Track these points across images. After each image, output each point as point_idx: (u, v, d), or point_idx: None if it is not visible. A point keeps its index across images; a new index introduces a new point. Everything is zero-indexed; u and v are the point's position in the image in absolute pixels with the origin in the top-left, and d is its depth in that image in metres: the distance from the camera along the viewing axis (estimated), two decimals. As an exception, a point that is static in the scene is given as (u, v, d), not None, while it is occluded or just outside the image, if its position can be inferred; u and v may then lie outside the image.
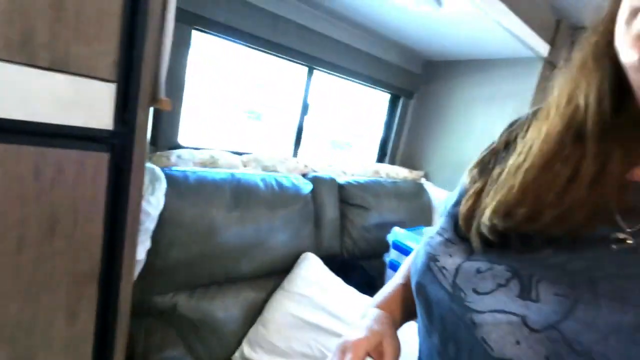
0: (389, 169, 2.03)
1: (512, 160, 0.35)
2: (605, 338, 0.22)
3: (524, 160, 0.33)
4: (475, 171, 0.42)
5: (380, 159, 2.27)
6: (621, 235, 0.27)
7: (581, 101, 0.30)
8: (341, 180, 1.68)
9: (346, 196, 1.64)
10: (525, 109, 1.49)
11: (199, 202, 1.11)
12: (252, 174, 1.33)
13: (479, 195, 0.38)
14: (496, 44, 1.60)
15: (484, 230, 0.33)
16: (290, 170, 1.56)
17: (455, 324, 0.31)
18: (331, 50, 1.66)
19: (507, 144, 0.40)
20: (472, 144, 1.94)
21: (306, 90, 1.71)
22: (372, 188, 1.74)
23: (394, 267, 1.50)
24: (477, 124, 1.92)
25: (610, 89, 0.29)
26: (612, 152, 0.29)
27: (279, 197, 1.33)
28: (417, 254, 0.40)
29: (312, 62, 1.64)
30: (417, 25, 1.54)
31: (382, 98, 2.20)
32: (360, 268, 1.66)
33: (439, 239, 0.39)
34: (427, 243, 0.40)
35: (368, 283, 1.63)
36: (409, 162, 2.24)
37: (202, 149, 1.39)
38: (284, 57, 1.57)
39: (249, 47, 1.46)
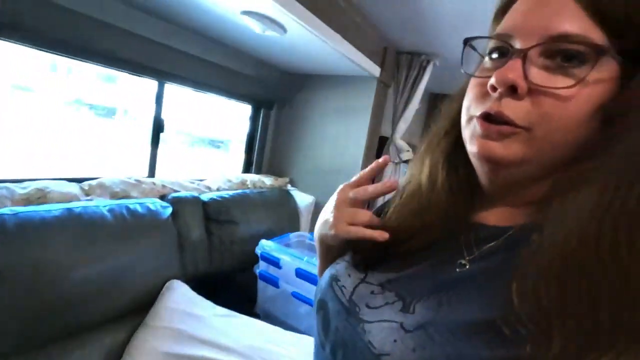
0: (255, 179, 2.07)
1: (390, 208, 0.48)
2: (453, 333, 0.31)
3: (393, 210, 0.47)
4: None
5: (247, 168, 2.30)
6: (463, 262, 0.38)
7: (426, 173, 0.45)
8: (205, 197, 1.65)
9: (212, 213, 1.62)
10: (366, 123, 1.73)
11: (21, 251, 0.93)
12: (95, 205, 1.18)
13: None
14: (339, 63, 1.79)
15: (358, 256, 0.45)
16: (146, 194, 1.44)
17: (347, 332, 0.38)
18: (183, 64, 1.59)
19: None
20: (328, 151, 2.15)
21: (158, 106, 1.60)
22: (238, 201, 1.75)
23: (265, 278, 1.56)
24: (330, 133, 2.13)
25: (451, 165, 0.43)
26: (455, 205, 0.41)
27: (133, 226, 1.22)
28: (323, 277, 0.47)
29: (162, 76, 1.54)
30: (270, 42, 1.61)
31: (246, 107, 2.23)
32: (233, 284, 1.67)
33: (341, 263, 0.47)
34: (333, 267, 0.47)
35: (243, 297, 1.66)
36: (275, 170, 2.34)
37: (24, 180, 1.16)
38: (126, 71, 1.43)
39: (79, 60, 1.28)
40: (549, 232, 0.30)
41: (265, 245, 1.56)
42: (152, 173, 1.68)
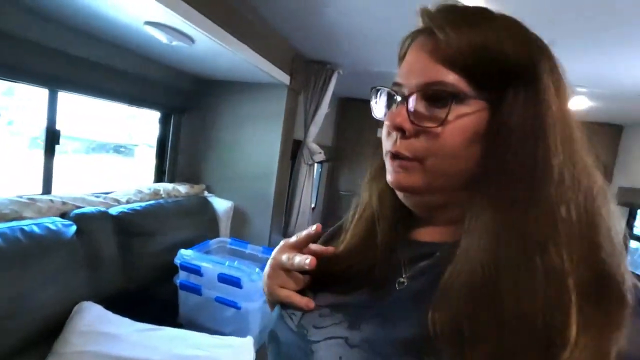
0: (169, 188, 2.01)
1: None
2: (393, 348, 0.34)
3: (347, 234, 0.49)
4: (325, 240, 0.54)
5: (159, 177, 2.21)
6: (402, 280, 0.40)
7: (375, 195, 0.47)
8: (115, 210, 1.56)
9: (124, 227, 1.54)
10: (279, 128, 1.84)
11: None
12: (-19, 230, 1.06)
13: None
14: (250, 71, 1.85)
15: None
16: (44, 213, 1.32)
17: (297, 356, 0.39)
18: (80, 70, 1.48)
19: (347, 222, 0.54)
20: (244, 156, 2.19)
21: (51, 116, 1.46)
22: (152, 212, 1.70)
23: (186, 287, 1.55)
24: (246, 138, 2.18)
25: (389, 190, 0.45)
26: (398, 223, 0.45)
27: (30, 250, 1.12)
28: (274, 309, 0.47)
29: (53, 83, 1.42)
30: (179, 50, 1.58)
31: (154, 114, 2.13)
32: (153, 298, 1.62)
33: None
34: None
35: (164, 310, 1.62)
36: (190, 177, 2.29)
37: None
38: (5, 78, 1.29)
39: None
40: (458, 263, 0.34)
41: (185, 255, 1.56)
42: (47, 189, 1.52)
